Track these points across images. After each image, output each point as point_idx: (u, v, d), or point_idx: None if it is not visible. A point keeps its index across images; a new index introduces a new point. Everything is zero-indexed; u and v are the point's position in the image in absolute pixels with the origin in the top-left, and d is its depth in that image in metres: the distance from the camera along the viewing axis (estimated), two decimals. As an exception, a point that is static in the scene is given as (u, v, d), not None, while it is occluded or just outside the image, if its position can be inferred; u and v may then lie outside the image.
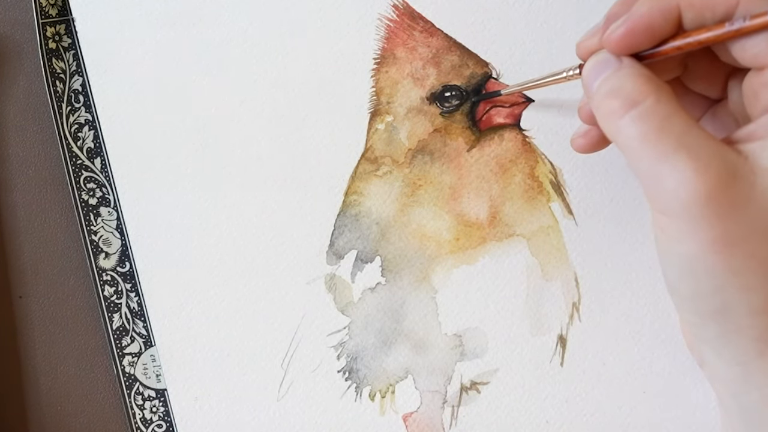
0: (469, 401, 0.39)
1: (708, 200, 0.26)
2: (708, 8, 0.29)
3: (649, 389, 0.39)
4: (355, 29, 0.40)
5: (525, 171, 0.40)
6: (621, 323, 0.39)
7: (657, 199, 0.28)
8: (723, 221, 0.26)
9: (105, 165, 0.39)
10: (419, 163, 0.40)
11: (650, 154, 0.27)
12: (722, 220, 0.26)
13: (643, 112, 0.28)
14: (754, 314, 0.27)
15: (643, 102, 0.28)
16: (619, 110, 0.28)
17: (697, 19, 0.29)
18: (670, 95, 0.28)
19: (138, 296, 0.39)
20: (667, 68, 0.32)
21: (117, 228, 0.39)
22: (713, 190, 0.26)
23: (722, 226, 0.26)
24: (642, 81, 0.29)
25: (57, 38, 0.40)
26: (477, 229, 0.39)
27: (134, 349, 0.39)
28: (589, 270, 0.39)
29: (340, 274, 0.39)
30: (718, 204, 0.26)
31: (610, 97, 0.29)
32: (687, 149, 0.27)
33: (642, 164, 0.28)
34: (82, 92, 0.40)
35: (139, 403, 0.39)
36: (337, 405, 0.39)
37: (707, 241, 0.27)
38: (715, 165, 0.27)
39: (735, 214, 0.27)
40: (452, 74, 0.40)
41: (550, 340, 0.39)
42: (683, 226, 0.27)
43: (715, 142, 0.27)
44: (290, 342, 0.39)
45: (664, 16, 0.29)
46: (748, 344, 0.28)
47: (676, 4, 0.29)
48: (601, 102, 0.29)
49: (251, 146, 0.39)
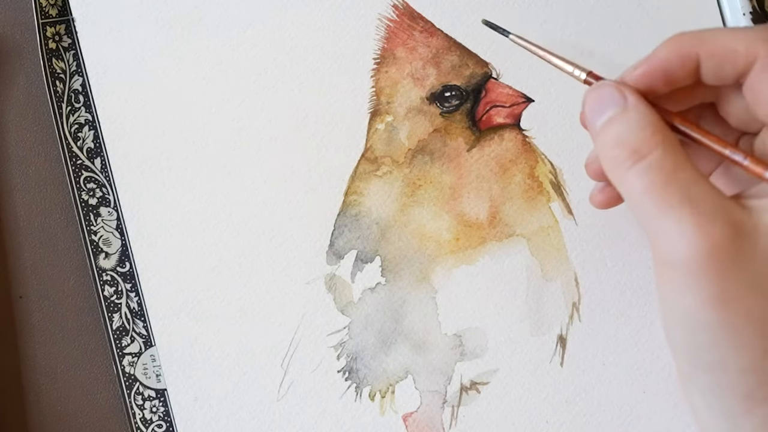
0: (469, 401, 0.39)
1: (709, 257, 0.26)
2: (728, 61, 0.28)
3: (649, 389, 0.39)
4: (355, 29, 0.40)
5: (525, 171, 0.40)
6: (621, 323, 0.39)
7: (659, 250, 0.28)
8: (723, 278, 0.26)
9: (105, 165, 0.39)
10: (419, 163, 0.40)
11: (654, 206, 0.27)
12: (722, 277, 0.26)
13: (650, 166, 0.28)
14: (745, 371, 0.27)
15: (650, 155, 0.28)
16: (625, 162, 0.28)
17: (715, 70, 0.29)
18: (677, 146, 0.28)
19: (138, 296, 0.39)
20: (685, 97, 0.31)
21: (117, 228, 0.39)
22: (715, 246, 0.26)
23: (722, 283, 0.26)
24: (649, 131, 0.28)
25: (57, 38, 0.40)
26: (477, 229, 0.39)
27: (134, 349, 0.39)
28: (589, 270, 0.39)
29: (340, 274, 0.39)
30: (719, 261, 0.26)
31: (616, 147, 0.28)
32: (691, 204, 0.27)
33: (645, 216, 0.28)
34: (82, 92, 0.40)
35: (139, 403, 0.39)
36: (337, 405, 0.39)
37: (706, 297, 0.27)
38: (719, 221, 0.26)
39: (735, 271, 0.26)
40: (452, 74, 0.40)
41: (550, 340, 0.39)
42: (683, 280, 0.27)
43: (720, 197, 0.27)
44: (290, 342, 0.39)
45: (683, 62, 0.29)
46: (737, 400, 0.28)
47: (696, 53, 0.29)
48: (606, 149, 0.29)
49: (251, 146, 0.39)
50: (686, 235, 0.26)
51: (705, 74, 0.29)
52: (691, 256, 0.26)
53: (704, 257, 0.26)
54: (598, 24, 0.40)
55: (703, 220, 0.26)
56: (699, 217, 0.26)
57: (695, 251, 0.26)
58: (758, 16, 0.40)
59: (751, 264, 0.27)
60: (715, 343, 0.27)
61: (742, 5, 0.40)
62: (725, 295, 0.26)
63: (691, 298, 0.27)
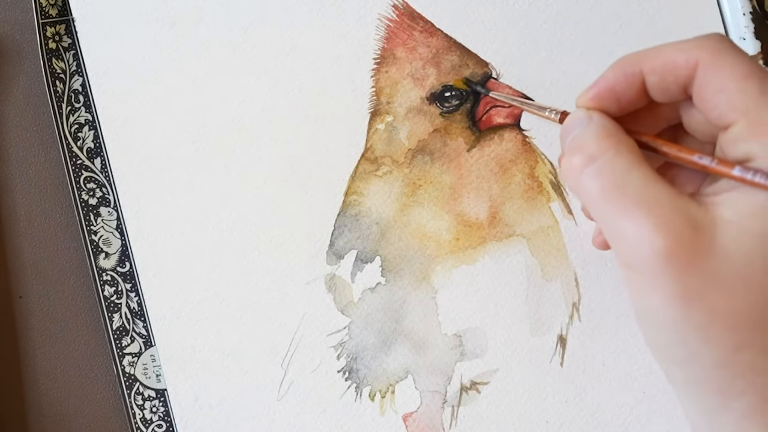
0: (469, 401, 0.39)
1: (668, 256, 0.26)
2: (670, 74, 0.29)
3: (649, 389, 0.39)
4: (355, 29, 0.40)
5: (525, 171, 0.40)
6: (621, 323, 0.39)
7: (620, 252, 0.28)
8: (683, 276, 0.27)
9: (105, 165, 0.39)
10: (419, 163, 0.40)
11: (611, 209, 0.27)
12: (682, 275, 0.27)
13: (602, 167, 0.28)
14: (716, 366, 0.27)
15: (601, 157, 0.28)
16: (578, 165, 0.28)
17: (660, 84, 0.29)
18: (632, 148, 0.28)
19: (138, 296, 0.39)
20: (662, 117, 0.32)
21: (117, 228, 0.39)
22: (673, 245, 0.26)
23: (683, 281, 0.27)
24: (603, 135, 0.29)
25: (57, 38, 0.40)
26: (477, 229, 0.39)
27: (134, 349, 0.39)
28: (589, 270, 0.39)
29: (340, 274, 0.39)
30: (677, 259, 0.26)
31: (571, 153, 0.29)
32: (646, 204, 0.27)
33: (604, 219, 0.28)
34: (82, 92, 0.40)
35: (139, 403, 0.39)
36: (337, 405, 0.39)
37: (668, 296, 0.27)
38: (676, 220, 0.27)
39: (695, 268, 0.27)
40: (452, 74, 0.40)
41: (550, 340, 0.39)
42: (645, 281, 0.27)
43: (676, 196, 0.27)
44: (290, 342, 0.39)
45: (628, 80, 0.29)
46: (711, 395, 0.28)
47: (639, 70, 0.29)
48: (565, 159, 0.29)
49: (251, 146, 0.39)
50: (644, 236, 0.27)
51: (652, 91, 0.29)
52: (650, 256, 0.27)
53: (663, 256, 0.26)
54: (598, 24, 0.40)
55: (660, 220, 0.27)
56: (655, 217, 0.27)
57: (654, 251, 0.26)
58: (758, 16, 0.40)
59: (710, 260, 0.27)
60: (684, 340, 0.27)
61: (742, 5, 0.40)
62: (688, 292, 0.27)
63: (656, 297, 0.27)
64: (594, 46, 0.40)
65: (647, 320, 0.28)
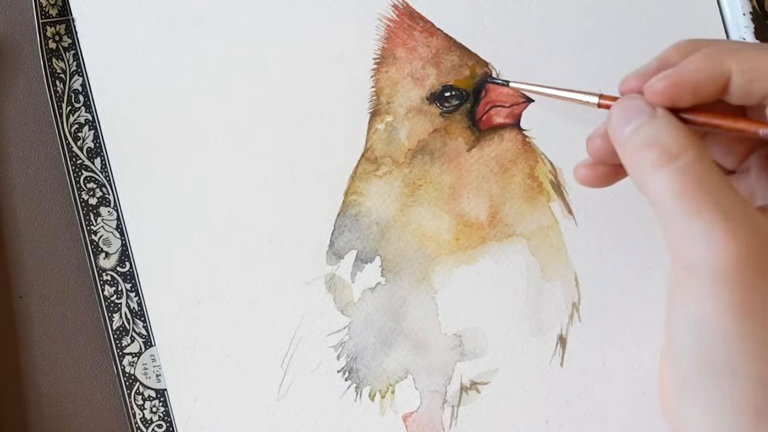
0: (469, 401, 0.39)
1: (736, 265, 0.26)
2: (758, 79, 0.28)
3: (649, 389, 0.39)
4: (355, 29, 0.40)
5: (525, 171, 0.40)
6: (621, 323, 0.39)
7: (682, 254, 0.27)
8: (747, 288, 0.26)
9: (105, 165, 0.39)
10: (419, 163, 0.40)
11: (684, 209, 0.27)
12: (748, 287, 0.26)
13: (683, 167, 0.27)
14: (757, 383, 0.27)
15: (684, 156, 0.27)
16: (656, 162, 0.27)
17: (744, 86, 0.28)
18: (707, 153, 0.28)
19: (138, 296, 0.39)
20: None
21: (117, 228, 0.39)
22: (743, 255, 0.26)
23: (745, 293, 0.26)
24: (682, 134, 0.28)
25: (57, 38, 0.40)
26: (477, 229, 0.39)
27: (134, 349, 0.39)
28: (589, 270, 0.39)
29: (340, 274, 0.39)
30: (745, 270, 0.26)
31: (646, 148, 0.28)
32: (723, 209, 0.26)
33: (672, 219, 0.27)
34: (82, 92, 0.40)
35: (139, 403, 0.39)
36: (336, 405, 0.39)
37: (727, 305, 0.26)
38: (749, 229, 0.26)
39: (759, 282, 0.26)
40: (452, 74, 0.40)
41: (550, 340, 0.39)
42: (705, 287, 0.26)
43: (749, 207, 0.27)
44: (290, 342, 0.39)
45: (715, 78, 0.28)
46: (744, 412, 0.27)
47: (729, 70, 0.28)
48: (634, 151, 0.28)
49: (251, 146, 0.39)
50: (715, 241, 0.26)
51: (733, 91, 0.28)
52: (718, 262, 0.26)
53: (732, 265, 0.26)
54: (598, 24, 0.40)
55: (733, 227, 0.26)
56: (730, 223, 0.26)
57: (723, 258, 0.26)
58: (758, 16, 0.40)
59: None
60: (728, 351, 0.27)
61: (742, 5, 0.40)
62: (748, 305, 0.26)
63: (711, 305, 0.26)
64: (594, 46, 0.40)
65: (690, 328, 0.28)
